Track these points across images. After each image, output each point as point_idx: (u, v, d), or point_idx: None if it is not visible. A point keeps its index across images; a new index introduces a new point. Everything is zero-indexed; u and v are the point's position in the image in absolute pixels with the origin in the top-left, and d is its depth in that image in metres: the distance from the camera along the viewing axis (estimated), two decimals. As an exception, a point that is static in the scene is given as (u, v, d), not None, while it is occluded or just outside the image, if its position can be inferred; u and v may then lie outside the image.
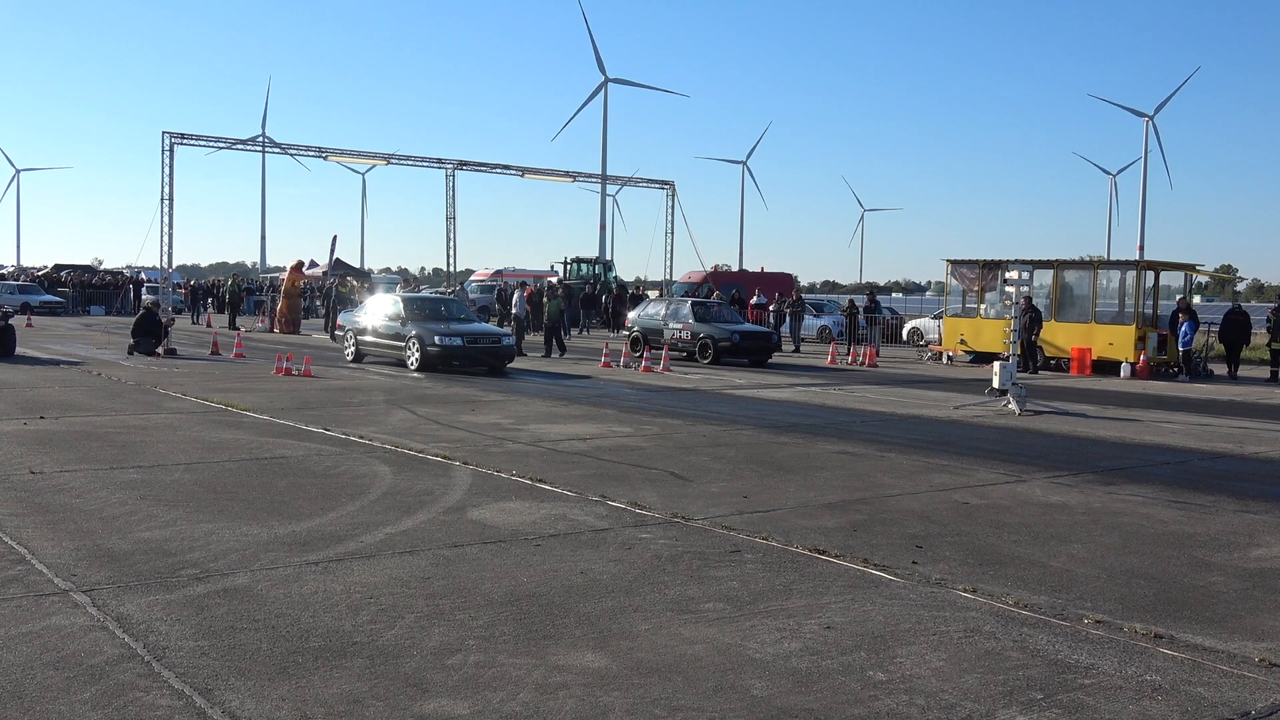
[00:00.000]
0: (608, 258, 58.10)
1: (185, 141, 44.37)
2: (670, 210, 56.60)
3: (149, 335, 25.99)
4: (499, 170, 53.95)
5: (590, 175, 58.76)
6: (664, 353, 26.51)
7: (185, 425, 13.62)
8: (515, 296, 32.79)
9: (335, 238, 49.20)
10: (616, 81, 63.61)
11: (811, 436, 14.08)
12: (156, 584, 6.50)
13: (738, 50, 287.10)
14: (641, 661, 5.37)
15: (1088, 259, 31.31)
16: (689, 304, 29.96)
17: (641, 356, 26.10)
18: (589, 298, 46.81)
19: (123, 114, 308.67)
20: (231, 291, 43.10)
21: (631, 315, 32.11)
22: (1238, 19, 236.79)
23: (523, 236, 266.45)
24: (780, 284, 46.01)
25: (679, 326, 28.72)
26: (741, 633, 5.86)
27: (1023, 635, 5.97)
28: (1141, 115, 71.77)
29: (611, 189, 65.36)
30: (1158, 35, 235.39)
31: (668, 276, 55.98)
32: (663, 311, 29.98)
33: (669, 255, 56.78)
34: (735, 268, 62.41)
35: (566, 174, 55.83)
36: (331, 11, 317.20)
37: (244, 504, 8.92)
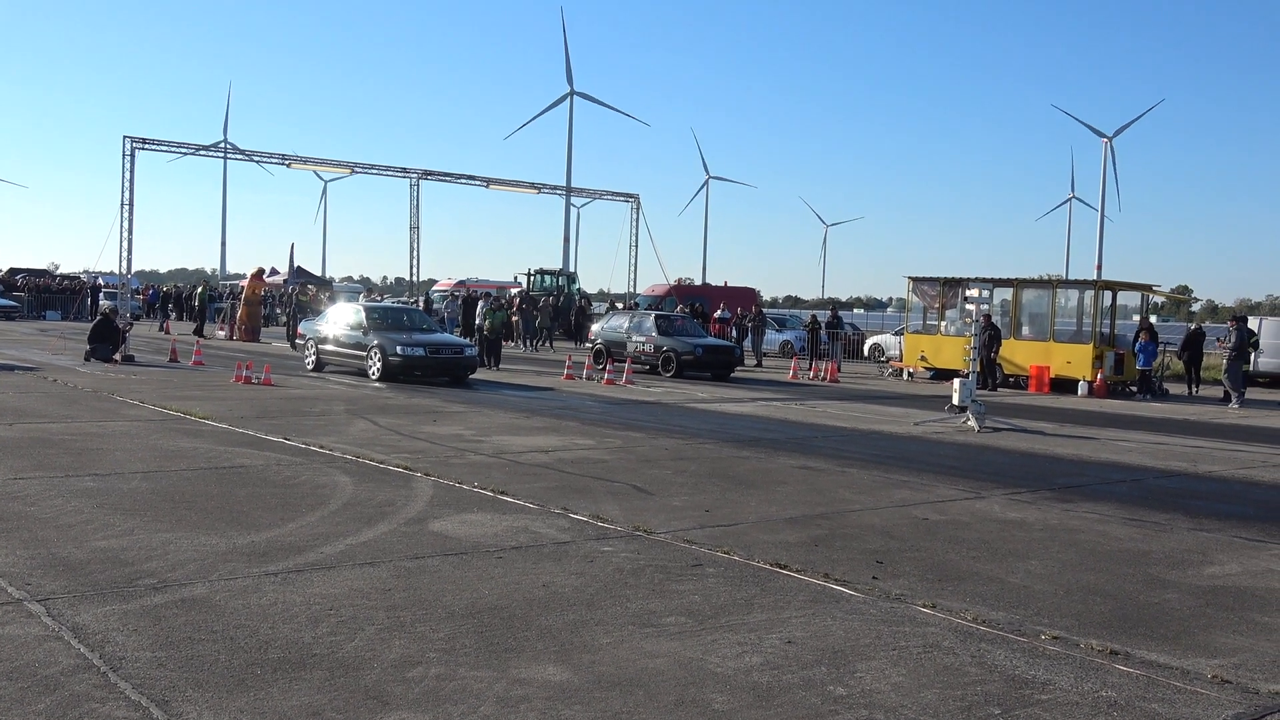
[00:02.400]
0: (571, 270, 58.11)
1: (147, 146, 43.86)
2: (634, 223, 56.69)
3: (106, 341, 25.69)
4: (463, 180, 53.78)
5: (555, 187, 58.76)
6: (626, 365, 26.54)
7: (143, 433, 13.48)
8: (480, 308, 32.67)
9: (293, 246, 49.07)
10: (581, 96, 63.75)
11: (773, 451, 14.14)
12: (113, 594, 6.42)
13: (706, 64, 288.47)
14: (603, 675, 5.37)
15: (1047, 278, 31.68)
16: (652, 317, 29.99)
17: (604, 369, 26.11)
18: (555, 309, 46.69)
19: (82, 117, 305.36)
20: (201, 299, 42.80)
21: (595, 328, 32.14)
22: (1197, 43, 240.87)
23: (486, 247, 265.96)
24: (743, 298, 46.22)
25: (642, 340, 28.76)
26: (703, 647, 5.87)
27: (981, 651, 6.02)
28: (1101, 136, 72.79)
29: (576, 201, 65.48)
30: (1120, 59, 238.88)
31: (631, 289, 55.98)
32: (626, 324, 30.02)
33: (633, 268, 56.84)
34: (699, 281, 62.59)
35: (531, 185, 55.73)
36: (297, 20, 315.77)
37: (202, 514, 8.83)
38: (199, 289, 46.27)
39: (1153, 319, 30.66)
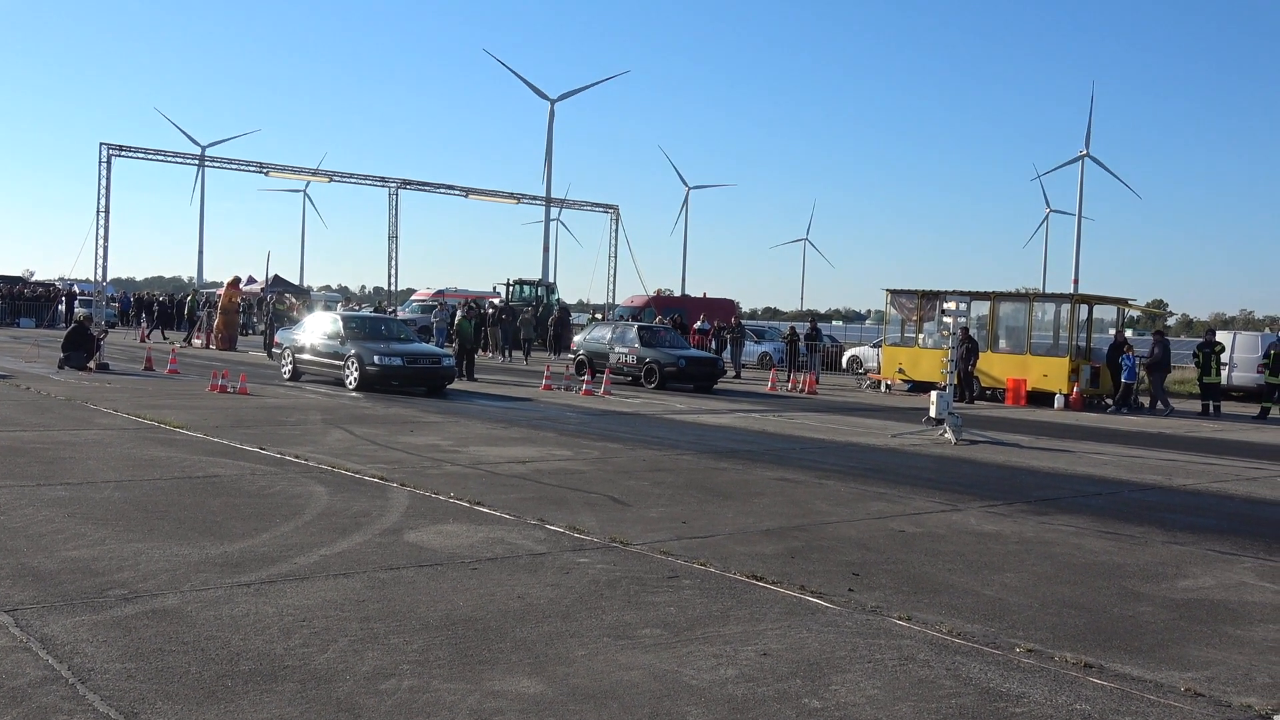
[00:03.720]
0: (551, 280, 58.10)
1: (123, 154, 43.68)
2: (614, 234, 56.78)
3: (80, 349, 25.49)
4: (442, 190, 53.76)
5: (535, 197, 58.77)
6: (605, 376, 26.52)
7: (116, 442, 13.37)
8: (457, 317, 32.56)
9: (269, 254, 48.97)
10: (561, 99, 63.71)
11: (750, 463, 14.14)
12: (83, 604, 6.36)
13: (682, 77, 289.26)
14: (577, 687, 5.34)
15: (1024, 291, 31.84)
16: (635, 328, 29.95)
17: (584, 379, 26.09)
18: (534, 321, 46.60)
19: (58, 124, 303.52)
20: (190, 307, 42.82)
21: (577, 339, 32.09)
22: (1175, 53, 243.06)
23: (465, 257, 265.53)
24: (722, 309, 46.28)
25: (625, 350, 28.72)
26: (678, 659, 5.85)
27: (956, 663, 6.03)
28: (1079, 153, 73.39)
29: (555, 211, 65.41)
30: (1098, 72, 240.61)
31: (610, 300, 56.04)
32: (609, 335, 29.96)
33: (612, 279, 56.93)
34: (678, 292, 62.64)
35: (510, 195, 55.74)
36: (275, 28, 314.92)
37: (175, 523, 8.76)
38: (188, 298, 46.17)
39: (1128, 333, 30.82)
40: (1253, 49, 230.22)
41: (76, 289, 58.66)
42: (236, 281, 40.60)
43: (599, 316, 47.61)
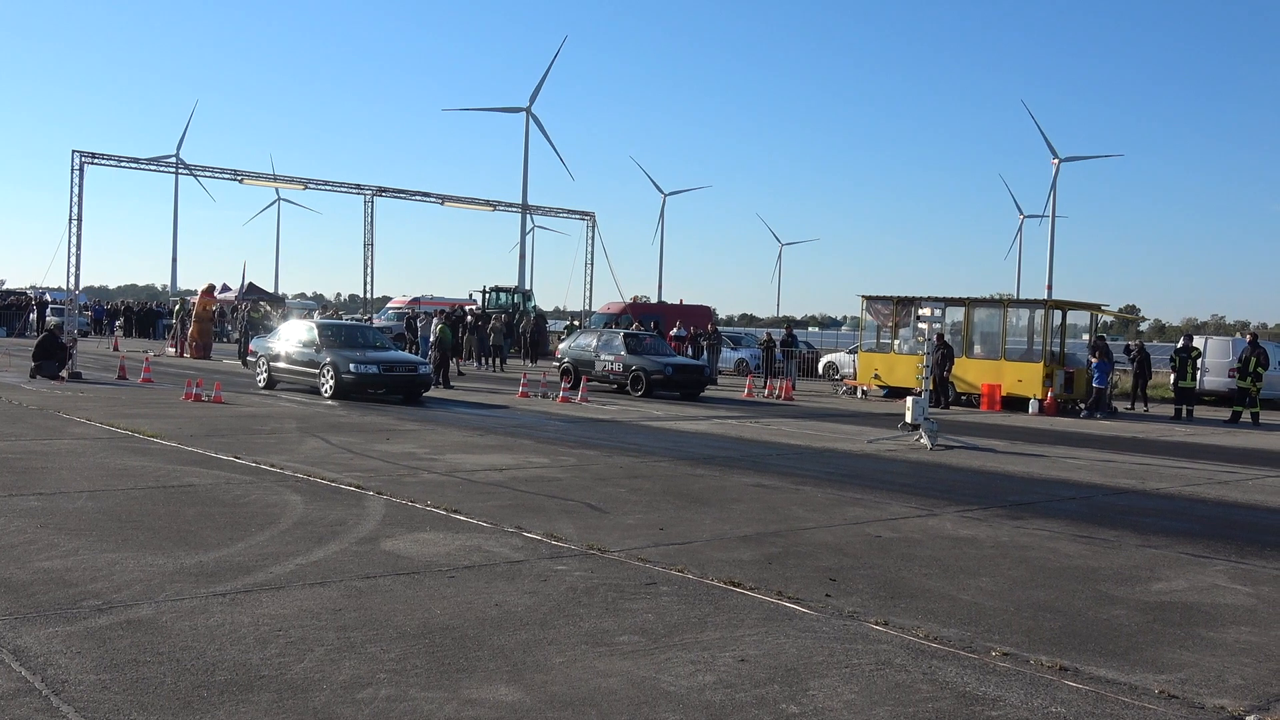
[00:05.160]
0: (527, 287, 58.05)
1: (96, 161, 43.30)
2: (590, 241, 56.79)
3: (52, 358, 25.30)
4: (418, 197, 53.55)
5: (511, 204, 58.67)
6: (582, 383, 26.49)
7: (89, 451, 13.26)
8: (433, 324, 32.45)
9: (245, 263, 48.81)
10: (534, 118, 63.77)
11: (727, 469, 14.16)
12: (56, 615, 6.31)
13: (661, 86, 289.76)
14: (555, 695, 5.34)
15: (998, 297, 32.01)
16: (621, 336, 29.69)
17: (562, 386, 26.06)
18: (508, 327, 46.52)
19: (29, 131, 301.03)
20: (178, 314, 42.86)
21: (562, 346, 31.97)
22: (1148, 65, 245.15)
23: (441, 264, 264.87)
24: (698, 316, 46.30)
25: (611, 358, 28.56)
26: (656, 665, 5.86)
27: (932, 667, 6.05)
28: (1054, 156, 73.98)
29: (532, 219, 65.39)
30: (1075, 76, 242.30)
31: (587, 307, 56.02)
32: (594, 343, 29.77)
33: (588, 286, 56.89)
34: (654, 299, 62.69)
35: (487, 203, 55.63)
36: (250, 35, 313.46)
37: (149, 533, 8.70)
38: (176, 306, 46.06)
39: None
40: (1224, 57, 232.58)
41: (48, 297, 58.19)
42: (210, 289, 40.41)
43: (577, 324, 47.55)
